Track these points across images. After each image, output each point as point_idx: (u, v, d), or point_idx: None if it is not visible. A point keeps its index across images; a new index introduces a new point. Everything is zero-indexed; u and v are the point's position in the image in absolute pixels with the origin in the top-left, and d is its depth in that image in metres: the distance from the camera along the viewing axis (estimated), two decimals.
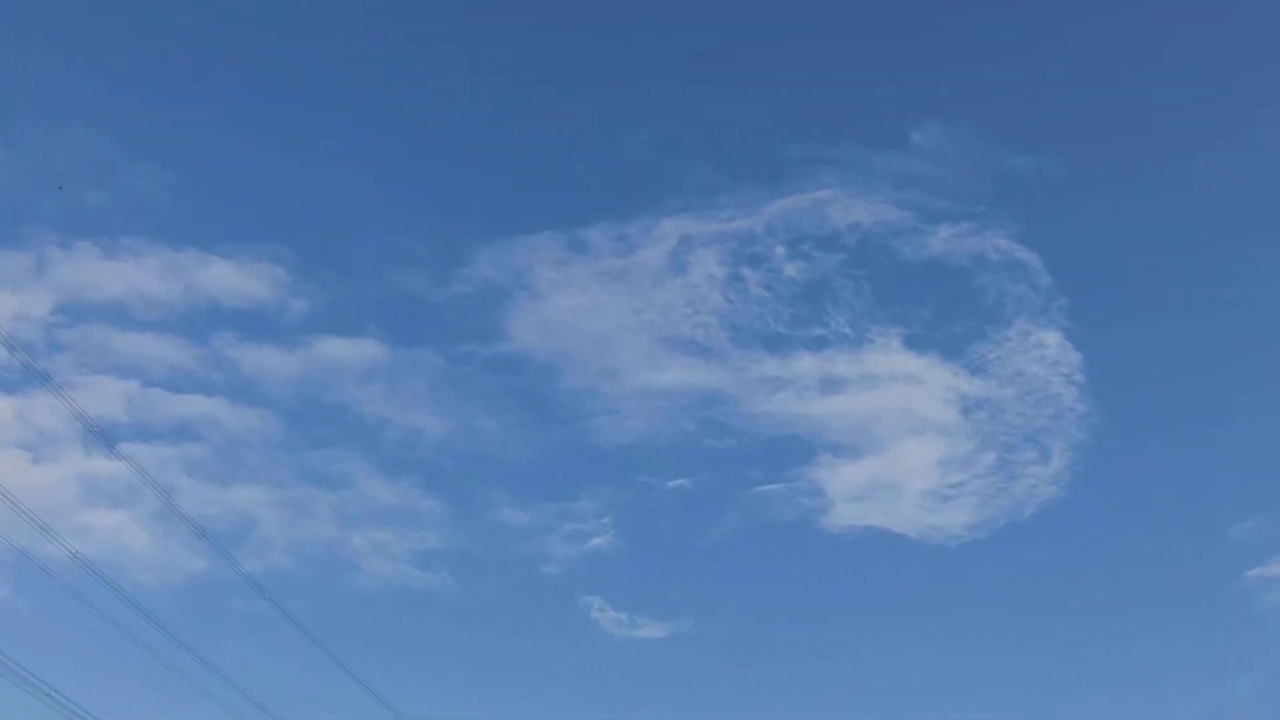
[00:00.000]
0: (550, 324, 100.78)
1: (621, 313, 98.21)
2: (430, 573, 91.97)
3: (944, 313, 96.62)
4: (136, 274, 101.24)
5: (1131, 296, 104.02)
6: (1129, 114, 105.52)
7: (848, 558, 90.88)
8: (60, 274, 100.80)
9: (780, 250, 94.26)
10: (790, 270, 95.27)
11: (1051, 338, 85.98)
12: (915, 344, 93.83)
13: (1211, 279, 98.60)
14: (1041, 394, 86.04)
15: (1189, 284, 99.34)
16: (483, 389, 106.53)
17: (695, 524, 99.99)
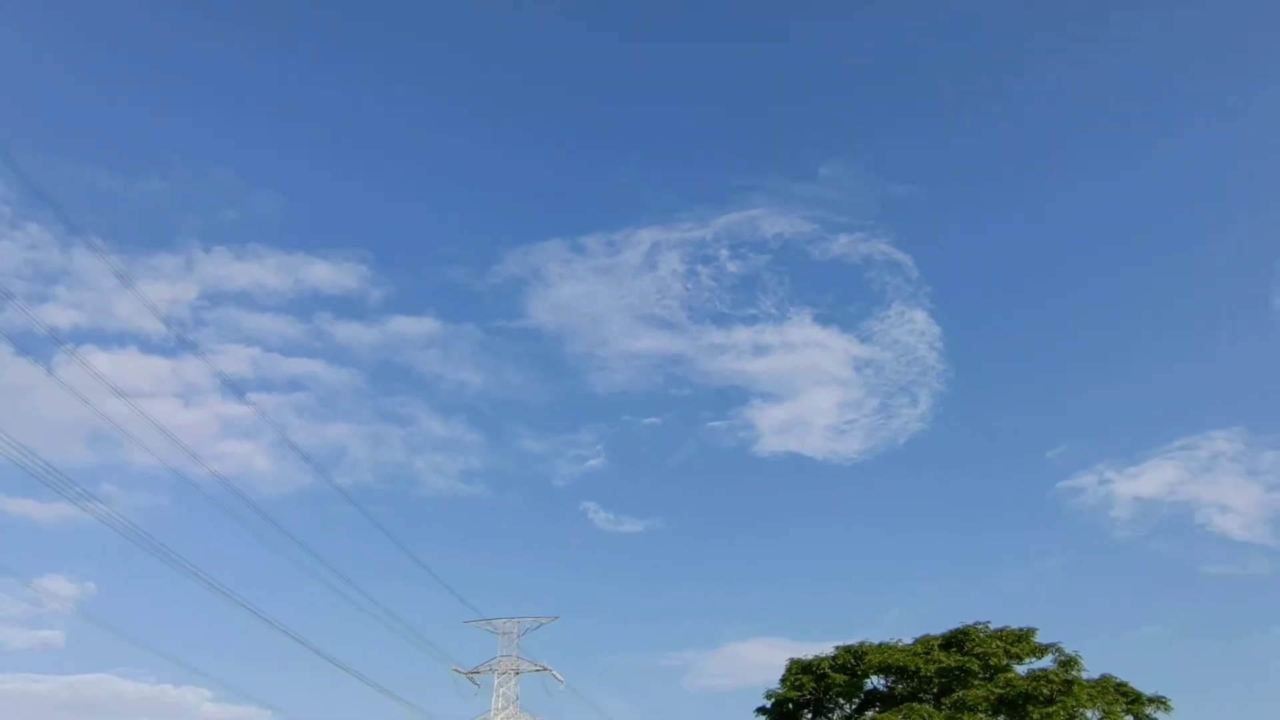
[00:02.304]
0: (558, 306, 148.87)
1: (610, 297, 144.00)
2: (472, 485, 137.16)
3: (842, 297, 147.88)
4: (258, 270, 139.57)
5: (977, 287, 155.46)
6: (978, 155, 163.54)
7: (772, 474, 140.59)
8: (203, 271, 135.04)
9: (724, 252, 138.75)
10: (731, 267, 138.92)
11: (919, 316, 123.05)
12: (821, 320, 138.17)
13: (1036, 275, 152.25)
14: (911, 356, 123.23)
15: (1021, 278, 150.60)
16: (509, 353, 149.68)
17: (663, 450, 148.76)
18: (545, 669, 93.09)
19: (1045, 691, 27.70)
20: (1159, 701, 28.90)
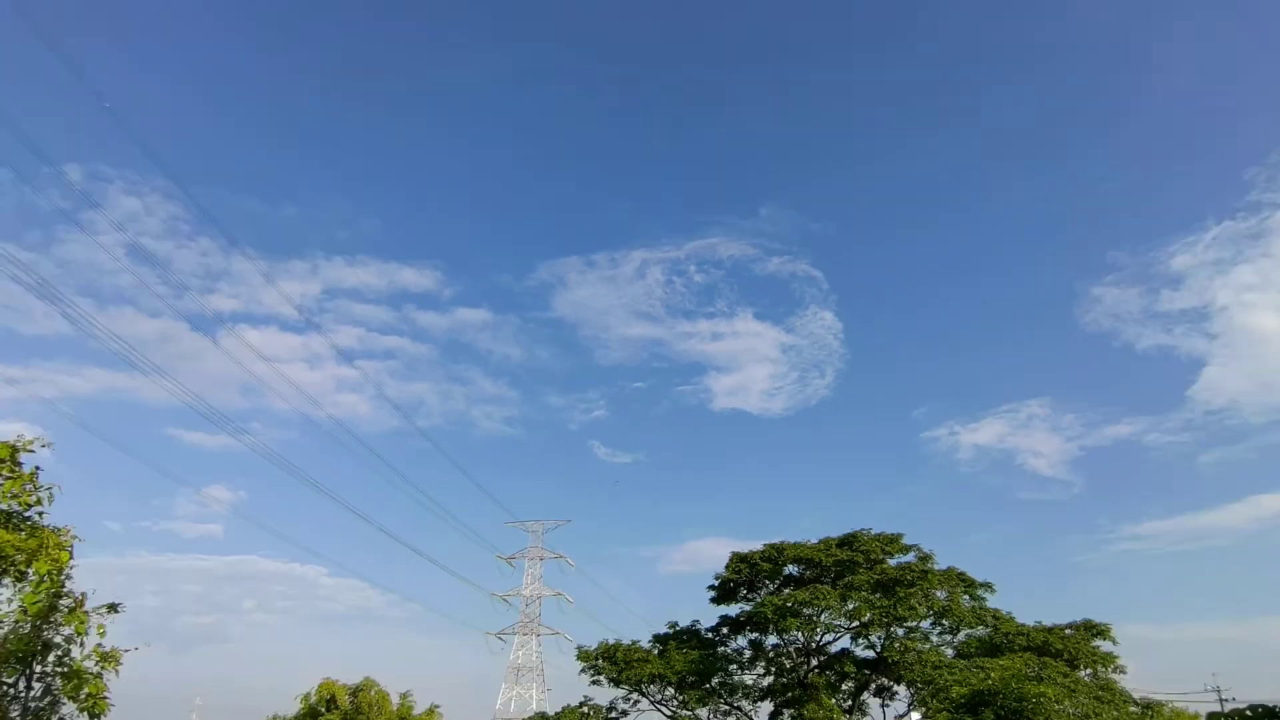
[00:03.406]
0: (575, 303, 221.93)
1: (612, 298, 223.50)
2: (512, 428, 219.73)
3: (774, 301, 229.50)
4: (364, 274, 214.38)
5: (869, 296, 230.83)
6: (872, 201, 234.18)
7: (722, 424, 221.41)
8: (324, 273, 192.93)
9: (692, 268, 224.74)
10: (697, 278, 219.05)
11: (828, 315, 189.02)
12: (759, 317, 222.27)
13: (911, 287, 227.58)
14: (821, 343, 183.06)
15: (900, 289, 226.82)
16: (540, 335, 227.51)
17: (646, 405, 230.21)
18: (561, 556, 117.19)
19: (908, 577, 38.57)
20: (986, 585, 39.78)
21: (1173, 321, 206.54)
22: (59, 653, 16.07)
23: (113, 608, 16.79)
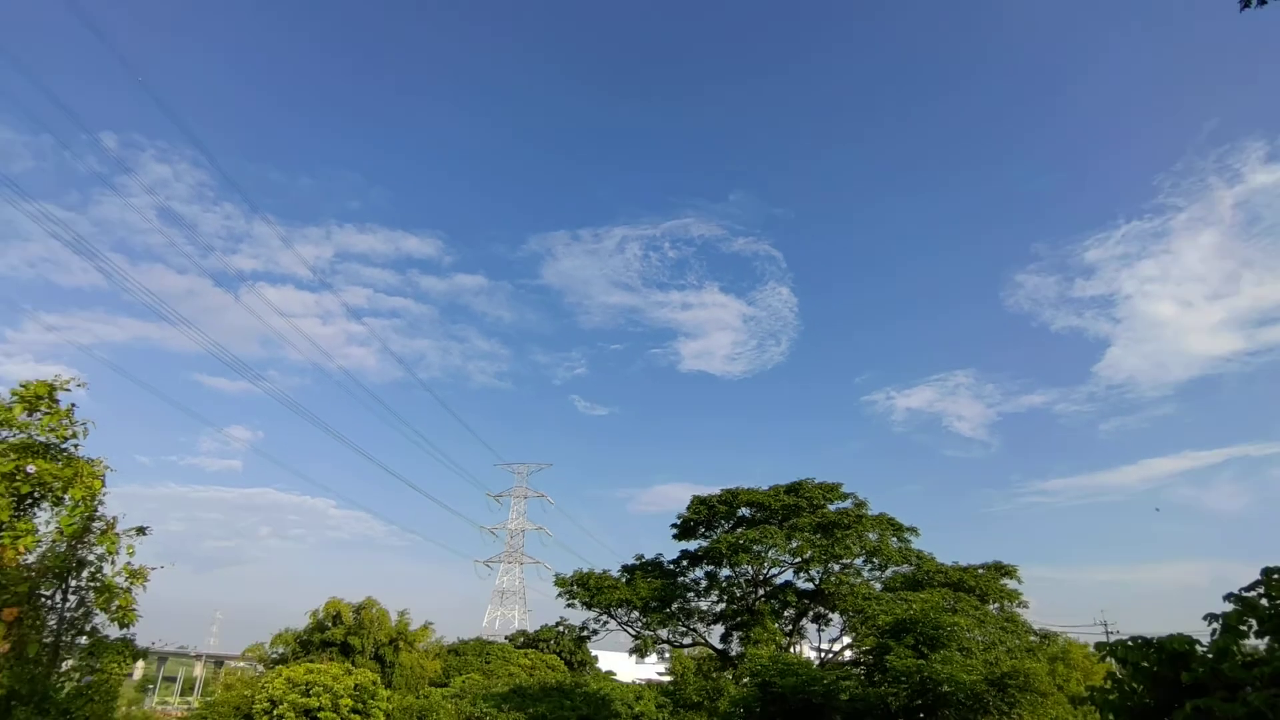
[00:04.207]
0: (562, 272, 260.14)
1: (595, 269, 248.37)
2: (503, 382, 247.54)
3: (738, 276, 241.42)
4: (373, 240, 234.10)
5: (822, 275, 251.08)
6: (827, 191, 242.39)
7: (689, 383, 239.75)
8: (337, 239, 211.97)
9: (667, 245, 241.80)
10: (671, 254, 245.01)
11: (785, 291, 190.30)
12: (725, 290, 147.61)
13: (858, 269, 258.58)
14: (779, 315, 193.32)
15: (849, 270, 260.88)
16: (529, 300, 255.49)
17: (623, 365, 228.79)
18: (543, 495, 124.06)
19: (845, 521, 43.49)
20: (912, 530, 44.91)
21: (1084, 306, 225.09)
22: (92, 569, 17.15)
23: (141, 530, 17.82)
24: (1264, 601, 11.26)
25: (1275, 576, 11.42)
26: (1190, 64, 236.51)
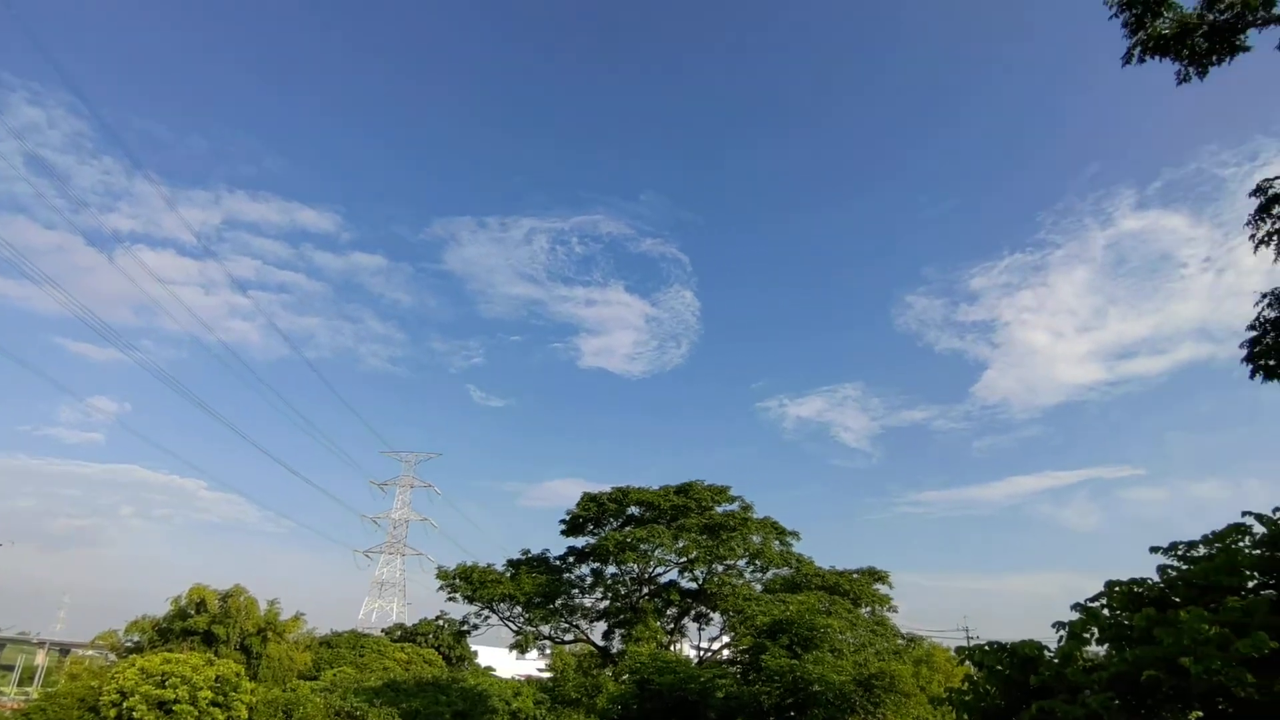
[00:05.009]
0: (466, 259, 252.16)
1: (500, 258, 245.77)
2: (396, 367, 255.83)
3: (644, 277, 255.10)
4: (265, 209, 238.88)
5: (725, 281, 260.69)
6: (735, 199, 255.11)
7: (588, 380, 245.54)
8: (226, 205, 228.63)
9: (574, 240, 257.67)
10: (578, 250, 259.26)
11: (688, 294, 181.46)
12: (629, 290, 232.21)
13: (760, 279, 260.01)
14: (680, 318, 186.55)
15: (750, 279, 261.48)
16: (429, 284, 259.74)
17: (523, 357, 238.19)
18: (430, 485, 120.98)
19: (731, 523, 44.39)
20: (794, 534, 46.35)
21: (966, 330, 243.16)
22: None
23: None
24: (1105, 612, 12.11)
25: (1116, 589, 12.30)
26: (1080, 110, 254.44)
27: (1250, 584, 10.98)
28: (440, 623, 72.79)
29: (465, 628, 49.13)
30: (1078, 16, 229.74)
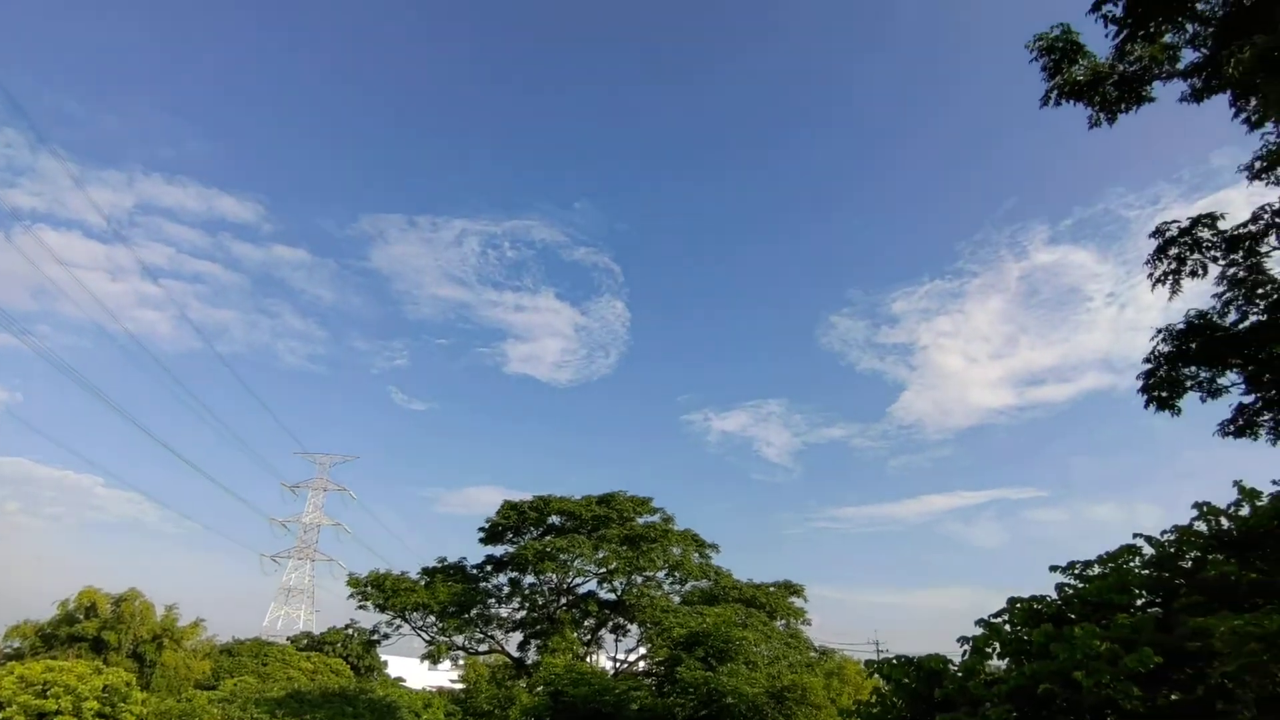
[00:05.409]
0: (393, 257, 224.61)
1: (429, 258, 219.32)
2: (315, 365, 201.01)
3: (574, 286, 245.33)
4: (183, 195, 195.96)
5: (656, 294, 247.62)
6: (669, 216, 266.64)
7: (513, 386, 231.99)
8: (140, 188, 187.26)
9: (507, 244, 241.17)
10: (510, 254, 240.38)
11: (619, 305, 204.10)
12: (560, 297, 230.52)
13: (691, 295, 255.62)
14: (611, 328, 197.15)
15: (681, 294, 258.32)
16: (355, 283, 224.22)
17: (447, 361, 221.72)
18: (344, 489, 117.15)
19: (652, 535, 44.53)
20: (713, 546, 46.83)
21: (886, 352, 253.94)
22: None
23: None
24: (1007, 627, 12.60)
25: (1017, 606, 12.81)
26: (1000, 148, 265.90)
27: (1139, 602, 11.60)
28: (350, 631, 70.57)
29: (376, 637, 47.83)
30: (998, 59, 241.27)
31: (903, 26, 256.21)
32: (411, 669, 79.76)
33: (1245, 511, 11.53)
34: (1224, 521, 11.69)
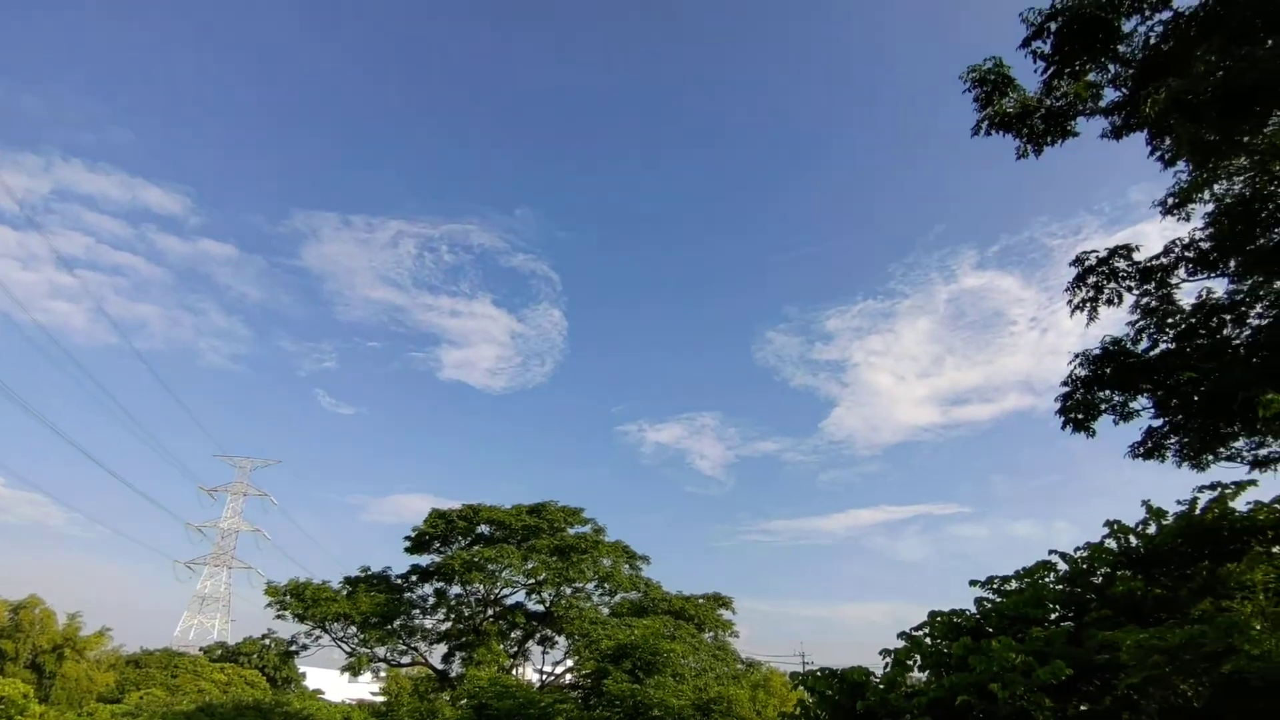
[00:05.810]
0: (325, 256, 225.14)
1: (364, 259, 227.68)
2: (238, 365, 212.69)
3: (512, 292, 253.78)
4: (104, 183, 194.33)
5: (594, 304, 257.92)
6: (610, 225, 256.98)
7: (446, 392, 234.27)
8: (58, 173, 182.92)
9: (444, 248, 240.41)
10: (447, 258, 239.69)
11: (557, 313, 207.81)
12: (497, 304, 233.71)
13: (628, 305, 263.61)
14: (547, 337, 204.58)
15: (619, 304, 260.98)
16: (284, 281, 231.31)
17: (378, 364, 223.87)
18: (265, 494, 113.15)
19: (583, 545, 44.18)
20: (644, 558, 46.81)
21: (819, 368, 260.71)
22: None
23: None
24: (927, 640, 12.89)
25: (938, 619, 13.13)
26: (931, 173, 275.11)
27: (1053, 616, 12.02)
28: (267, 642, 68.19)
29: (294, 648, 46.16)
30: (932, 88, 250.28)
31: (839, 48, 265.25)
32: (331, 681, 77.41)
33: (1152, 530, 12.07)
34: (1132, 539, 12.22)
